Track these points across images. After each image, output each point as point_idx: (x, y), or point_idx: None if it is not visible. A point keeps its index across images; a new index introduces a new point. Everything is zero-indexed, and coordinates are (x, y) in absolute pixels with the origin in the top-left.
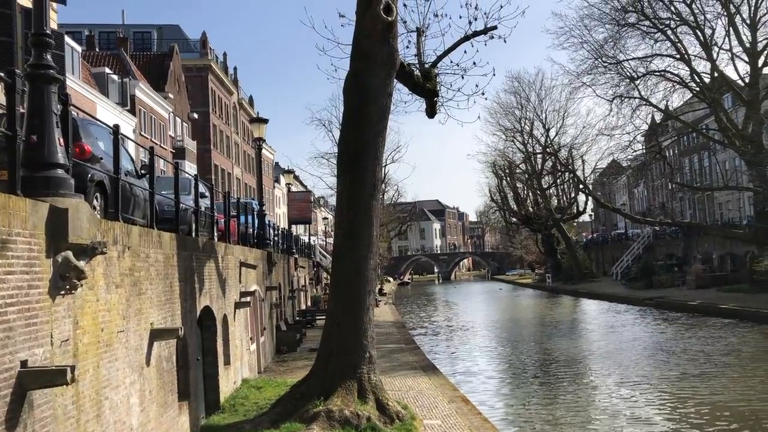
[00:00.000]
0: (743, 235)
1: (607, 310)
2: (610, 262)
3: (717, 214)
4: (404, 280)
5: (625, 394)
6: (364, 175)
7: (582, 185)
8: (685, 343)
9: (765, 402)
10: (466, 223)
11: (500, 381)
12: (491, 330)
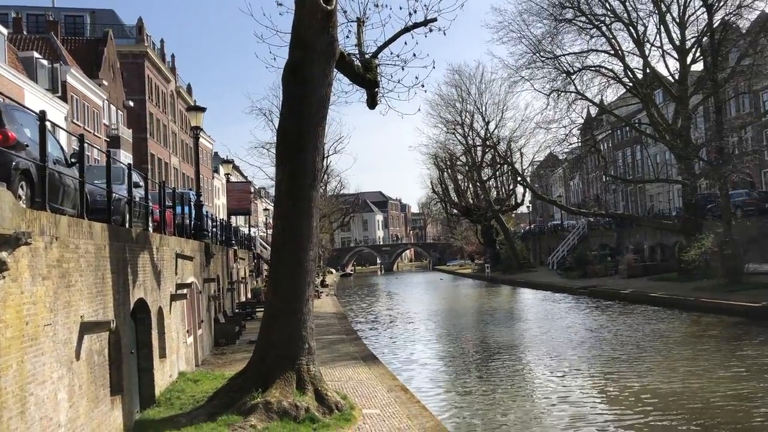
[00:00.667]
0: (672, 226)
1: (543, 298)
2: (546, 252)
3: (648, 205)
4: (347, 271)
5: (559, 378)
6: (304, 165)
7: (520, 177)
8: (616, 329)
9: (686, 383)
10: (408, 214)
11: (439, 369)
12: (432, 319)
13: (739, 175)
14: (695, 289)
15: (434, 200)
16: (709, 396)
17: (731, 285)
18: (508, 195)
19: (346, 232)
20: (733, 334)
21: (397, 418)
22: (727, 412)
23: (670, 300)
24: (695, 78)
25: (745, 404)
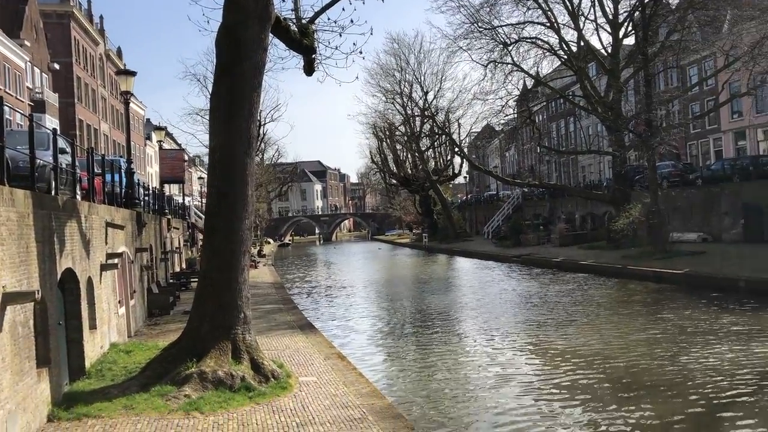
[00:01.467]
0: (602, 196)
1: (479, 267)
2: (482, 222)
3: (580, 176)
4: (285, 241)
5: (491, 342)
6: (239, 131)
7: (457, 148)
8: (547, 295)
9: (609, 344)
10: (347, 184)
11: (376, 336)
12: (369, 288)
13: (666, 148)
14: (623, 257)
15: (373, 170)
16: (629, 355)
17: (656, 253)
18: (446, 165)
19: (284, 202)
20: (656, 300)
21: (334, 385)
22: (644, 369)
23: (598, 267)
24: (627, 52)
25: (660, 362)
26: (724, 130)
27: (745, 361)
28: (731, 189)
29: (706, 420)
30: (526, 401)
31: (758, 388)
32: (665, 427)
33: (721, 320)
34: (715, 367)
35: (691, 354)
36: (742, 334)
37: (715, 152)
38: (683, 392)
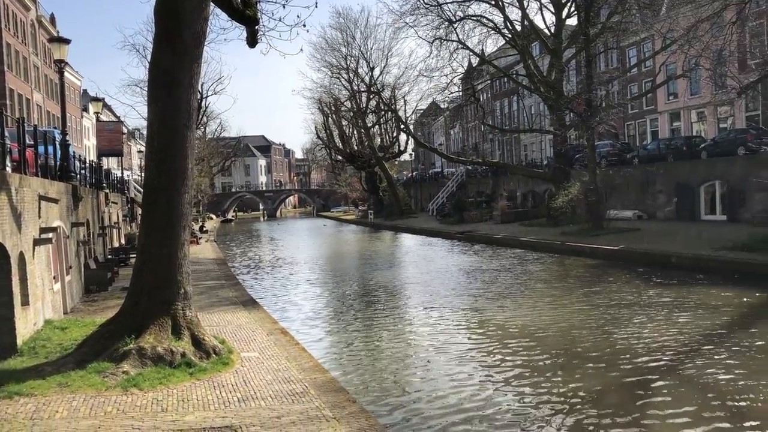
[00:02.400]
0: (543, 174)
1: (423, 243)
2: (427, 199)
3: (522, 155)
4: (228, 217)
5: (435, 316)
6: (178, 103)
7: (403, 125)
8: (488, 271)
9: (546, 317)
10: (292, 160)
11: (320, 312)
12: (314, 264)
13: (605, 127)
14: (562, 234)
15: (319, 146)
16: (565, 327)
17: (594, 230)
18: (392, 142)
19: (227, 177)
20: (592, 275)
21: (276, 360)
22: (578, 340)
23: (538, 244)
24: (569, 32)
25: (594, 334)
26: (660, 111)
27: (673, 332)
28: (665, 168)
29: (635, 388)
30: (466, 372)
31: (683, 356)
32: (598, 394)
33: (652, 293)
34: (645, 338)
35: (622, 326)
36: (671, 306)
37: (652, 132)
38: (615, 362)
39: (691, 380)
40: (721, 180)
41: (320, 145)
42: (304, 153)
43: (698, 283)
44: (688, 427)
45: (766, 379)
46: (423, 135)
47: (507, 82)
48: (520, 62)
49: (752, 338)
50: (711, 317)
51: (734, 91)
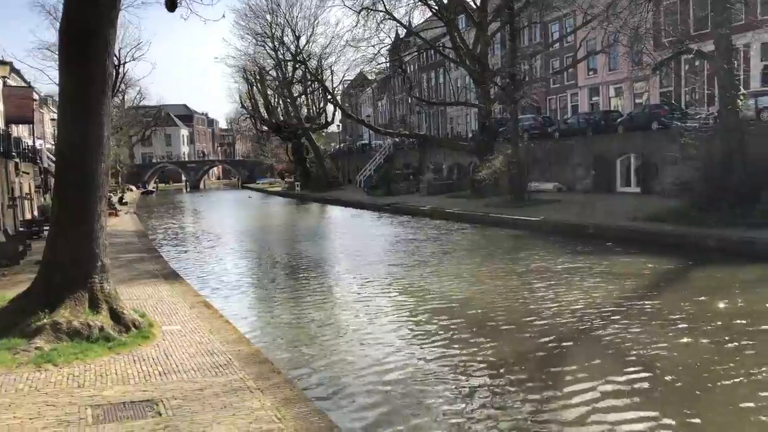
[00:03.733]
0: (468, 147)
1: (351, 215)
2: (355, 171)
3: (448, 127)
4: (149, 188)
5: (361, 286)
6: (93, 68)
7: (330, 96)
8: (414, 242)
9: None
10: (216, 130)
11: (246, 285)
12: (239, 236)
13: (528, 101)
14: (485, 206)
15: (243, 116)
16: (487, 296)
17: (516, 201)
18: (319, 113)
19: (147, 147)
20: (514, 245)
21: (199, 333)
22: (500, 308)
23: (463, 215)
24: (495, 6)
25: (515, 302)
26: (581, 86)
27: (587, 298)
28: (584, 142)
29: (551, 350)
30: (391, 341)
31: (596, 320)
32: (516, 356)
33: (569, 262)
34: (561, 304)
35: (540, 293)
36: (586, 274)
37: (572, 107)
38: (532, 327)
39: (601, 342)
40: (635, 153)
41: (245, 115)
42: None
43: (612, 252)
44: (595, 385)
45: (667, 340)
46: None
47: (434, 54)
48: (446, 35)
49: (659, 303)
50: (622, 284)
51: (649, 67)
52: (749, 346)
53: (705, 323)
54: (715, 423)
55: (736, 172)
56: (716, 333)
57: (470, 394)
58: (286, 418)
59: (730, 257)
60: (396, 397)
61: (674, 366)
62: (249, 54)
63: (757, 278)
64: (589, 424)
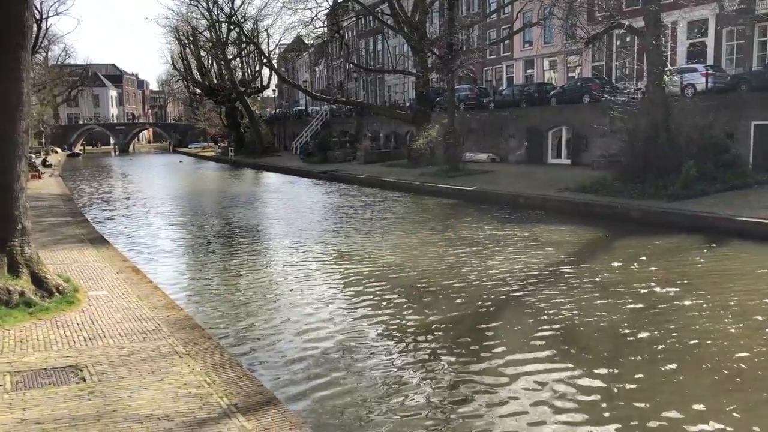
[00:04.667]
0: (405, 116)
1: (286, 182)
2: (291, 137)
3: (386, 96)
4: (75, 151)
5: (296, 253)
6: (7, 19)
7: (266, 59)
8: (350, 209)
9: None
10: (146, 91)
11: (177, 250)
12: (170, 201)
13: (465, 71)
14: (421, 175)
15: (176, 77)
16: (419, 262)
17: (451, 171)
18: (254, 77)
19: (73, 108)
20: (448, 214)
21: (127, 298)
22: (434, 275)
23: (399, 184)
24: None
25: (445, 267)
26: (516, 58)
27: (516, 266)
28: (518, 114)
29: (481, 315)
30: (324, 306)
31: (524, 286)
32: (447, 322)
33: (500, 231)
34: (491, 271)
35: (471, 260)
36: (516, 242)
37: (507, 78)
38: (462, 293)
39: (524, 306)
40: (567, 126)
41: (177, 77)
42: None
43: (541, 221)
44: (517, 346)
45: (586, 303)
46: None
47: (372, 20)
48: (385, 1)
49: (580, 270)
50: (548, 251)
51: (582, 41)
52: (662, 310)
53: (622, 289)
54: (629, 378)
55: (660, 146)
56: (632, 298)
57: (400, 356)
58: (216, 383)
59: (651, 227)
60: (327, 360)
61: (592, 328)
62: (182, 14)
63: (672, 247)
64: (512, 383)
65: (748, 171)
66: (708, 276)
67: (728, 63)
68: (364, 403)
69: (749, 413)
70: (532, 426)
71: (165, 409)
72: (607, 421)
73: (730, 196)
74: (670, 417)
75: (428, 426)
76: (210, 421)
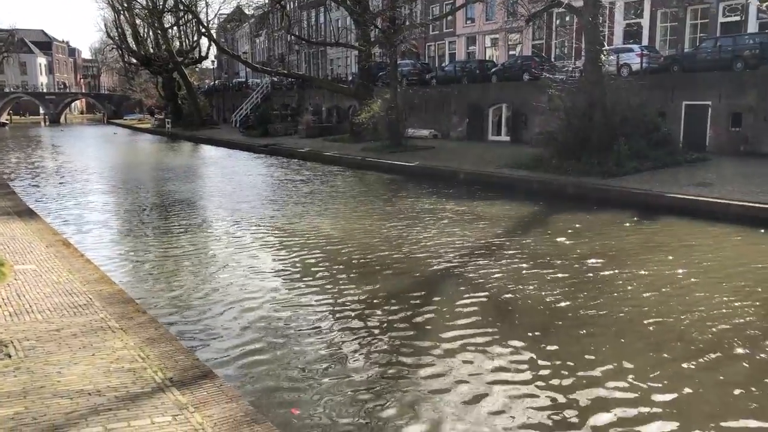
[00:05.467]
0: (347, 90)
1: (225, 155)
2: (230, 110)
3: (328, 69)
4: (1, 120)
5: (234, 228)
6: None
7: (204, 29)
8: (291, 184)
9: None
10: (78, 60)
11: (111, 224)
12: (104, 174)
13: (407, 46)
14: (363, 150)
15: (110, 46)
16: (362, 238)
17: (393, 146)
18: (192, 47)
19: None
20: (389, 189)
21: (57, 273)
22: (374, 249)
23: (341, 158)
24: None
25: (386, 242)
26: (459, 34)
27: (457, 240)
28: (460, 90)
29: (421, 289)
30: (264, 282)
31: (464, 261)
32: (389, 296)
33: (440, 206)
34: (431, 246)
35: (412, 235)
36: (456, 217)
37: (450, 55)
38: (404, 268)
39: (461, 279)
40: (507, 103)
41: (111, 46)
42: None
43: (481, 197)
44: (454, 319)
45: (521, 276)
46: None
47: None
48: None
49: (515, 243)
50: (487, 226)
51: (523, 18)
52: (590, 280)
53: (554, 261)
54: (562, 350)
55: (596, 124)
56: (564, 270)
57: (337, 328)
58: (150, 357)
59: (586, 203)
60: (264, 333)
61: (524, 298)
62: None
63: (604, 222)
64: (449, 354)
65: (679, 149)
66: (636, 249)
67: (662, 44)
68: (301, 375)
69: (678, 378)
70: (465, 395)
71: (96, 384)
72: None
73: (661, 173)
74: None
75: (364, 396)
76: (143, 396)
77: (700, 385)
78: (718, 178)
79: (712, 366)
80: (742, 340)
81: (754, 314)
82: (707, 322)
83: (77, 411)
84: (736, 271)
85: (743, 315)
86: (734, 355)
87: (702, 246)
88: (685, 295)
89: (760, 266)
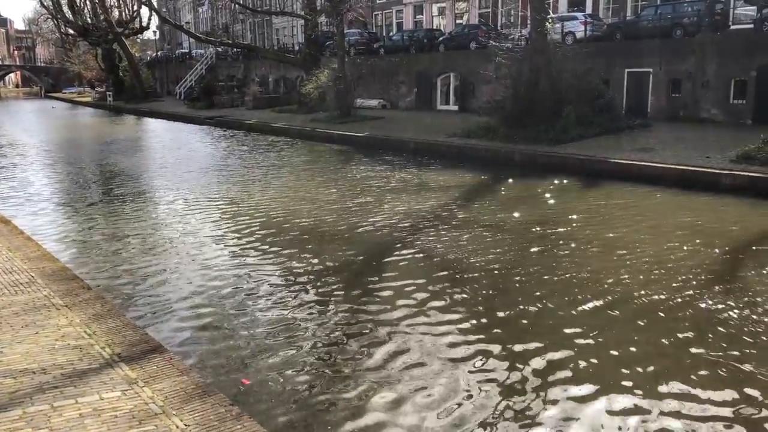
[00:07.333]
0: (294, 60)
1: (170, 129)
2: (174, 81)
3: (274, 39)
4: None
5: (180, 201)
6: None
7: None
8: (239, 155)
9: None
10: (11, 31)
11: (52, 200)
12: (44, 150)
13: (354, 15)
14: (312, 121)
15: (44, 16)
16: (312, 210)
17: (342, 117)
18: (132, 17)
19: None
20: (338, 160)
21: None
22: (324, 221)
23: (289, 130)
24: None
25: (336, 213)
26: (406, 3)
27: (406, 209)
28: (408, 60)
29: (373, 259)
30: (212, 256)
31: (413, 230)
32: (339, 268)
33: (391, 176)
34: (382, 216)
35: (363, 206)
36: (406, 187)
37: (397, 24)
38: (355, 239)
39: (413, 249)
40: (455, 72)
41: (46, 16)
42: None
43: (430, 167)
44: (407, 290)
45: (472, 245)
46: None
47: None
48: None
49: (465, 212)
50: (437, 196)
51: None
52: (546, 249)
53: (503, 227)
54: (516, 318)
55: (542, 92)
56: (513, 236)
57: (288, 301)
58: (97, 333)
59: (533, 170)
60: (214, 307)
61: (479, 269)
62: None
63: (551, 189)
64: (399, 321)
65: (622, 116)
66: (581, 213)
67: (605, 12)
68: (251, 348)
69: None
70: (417, 362)
71: (41, 362)
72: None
73: (605, 139)
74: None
75: (315, 365)
76: (91, 372)
77: (653, 337)
78: (659, 143)
79: (658, 319)
80: (688, 289)
81: (694, 263)
82: (652, 279)
83: (21, 390)
84: (675, 231)
85: (684, 268)
86: (677, 306)
87: (642, 207)
88: (631, 253)
89: (698, 223)
